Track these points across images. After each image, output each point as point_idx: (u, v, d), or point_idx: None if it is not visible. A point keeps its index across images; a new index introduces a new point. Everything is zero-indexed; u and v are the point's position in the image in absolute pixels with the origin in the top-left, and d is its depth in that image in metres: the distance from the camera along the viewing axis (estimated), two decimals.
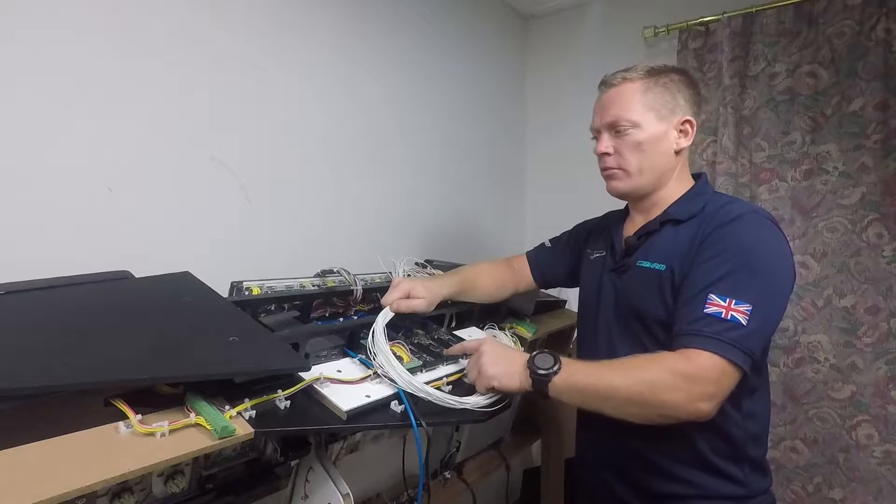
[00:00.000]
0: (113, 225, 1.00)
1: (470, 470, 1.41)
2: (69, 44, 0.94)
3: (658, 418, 0.75)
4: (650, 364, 0.76)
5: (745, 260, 0.78)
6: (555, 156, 2.20)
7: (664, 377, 0.73)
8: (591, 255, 1.05)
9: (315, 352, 0.87)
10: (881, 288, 1.47)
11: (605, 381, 0.77)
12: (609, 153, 0.92)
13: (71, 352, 0.60)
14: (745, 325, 0.74)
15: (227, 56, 1.17)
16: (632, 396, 0.75)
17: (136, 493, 0.63)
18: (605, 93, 0.95)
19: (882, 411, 1.47)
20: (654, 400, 0.73)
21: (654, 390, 0.73)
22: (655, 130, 0.90)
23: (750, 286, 0.76)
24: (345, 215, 1.46)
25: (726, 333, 0.73)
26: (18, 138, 0.89)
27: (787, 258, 0.82)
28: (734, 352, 0.73)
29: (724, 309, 0.75)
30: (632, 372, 0.76)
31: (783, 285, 0.80)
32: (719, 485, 0.85)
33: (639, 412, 0.76)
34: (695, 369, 0.73)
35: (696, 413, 0.73)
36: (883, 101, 1.46)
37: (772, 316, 0.78)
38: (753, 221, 0.83)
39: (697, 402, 0.72)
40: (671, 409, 0.73)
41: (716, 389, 0.73)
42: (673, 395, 0.72)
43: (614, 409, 0.77)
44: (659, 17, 1.83)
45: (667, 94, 0.90)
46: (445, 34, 1.81)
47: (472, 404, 0.80)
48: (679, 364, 0.74)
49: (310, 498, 0.81)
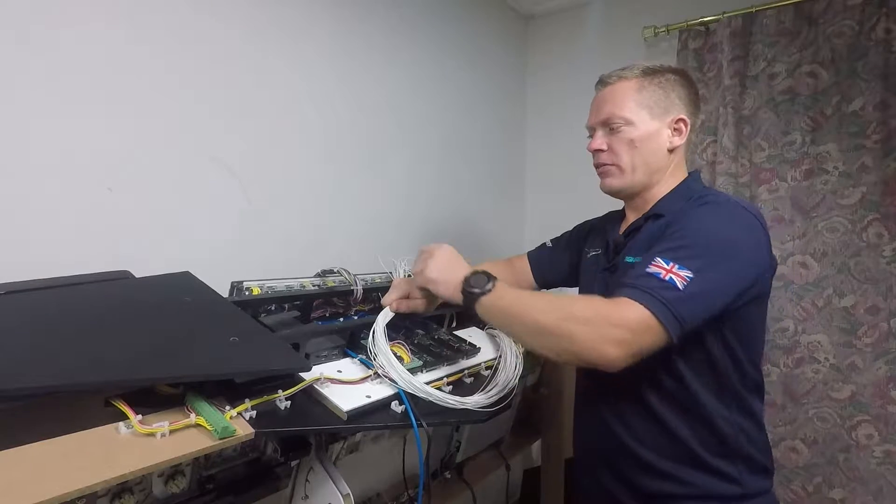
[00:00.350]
0: (113, 225, 1.00)
1: (470, 470, 1.41)
2: (69, 44, 0.94)
3: (567, 354, 0.74)
4: (578, 300, 0.77)
5: (700, 236, 0.79)
6: (555, 155, 2.19)
7: (584, 312, 0.73)
8: (588, 253, 1.06)
9: (315, 352, 0.87)
10: (881, 288, 1.47)
11: (529, 306, 0.77)
12: (602, 149, 0.94)
13: (71, 352, 0.60)
14: (681, 288, 0.72)
15: (227, 56, 1.17)
16: (548, 324, 0.74)
17: (137, 494, 0.62)
18: (600, 91, 0.96)
19: (882, 411, 1.46)
20: (566, 330, 0.72)
21: (570, 321, 0.73)
22: (648, 128, 0.91)
23: (696, 257, 0.75)
24: (345, 215, 1.46)
25: (659, 291, 0.72)
26: (18, 138, 0.89)
27: (745, 241, 0.80)
28: (661, 308, 0.71)
29: (665, 271, 0.74)
30: (557, 303, 0.77)
31: (733, 266, 0.78)
32: (712, 483, 0.84)
33: (550, 344, 0.75)
34: (617, 313, 0.72)
35: (602, 355, 0.70)
36: (883, 101, 1.46)
37: (713, 292, 0.76)
38: (722, 205, 0.84)
39: (607, 343, 0.70)
40: (579, 343, 0.71)
41: (630, 338, 0.70)
42: (584, 330, 0.71)
43: (530, 335, 0.77)
44: (659, 17, 1.83)
45: (661, 92, 0.92)
46: (445, 34, 1.81)
47: (472, 404, 0.80)
48: (604, 305, 0.74)
49: (310, 498, 0.81)
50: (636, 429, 0.87)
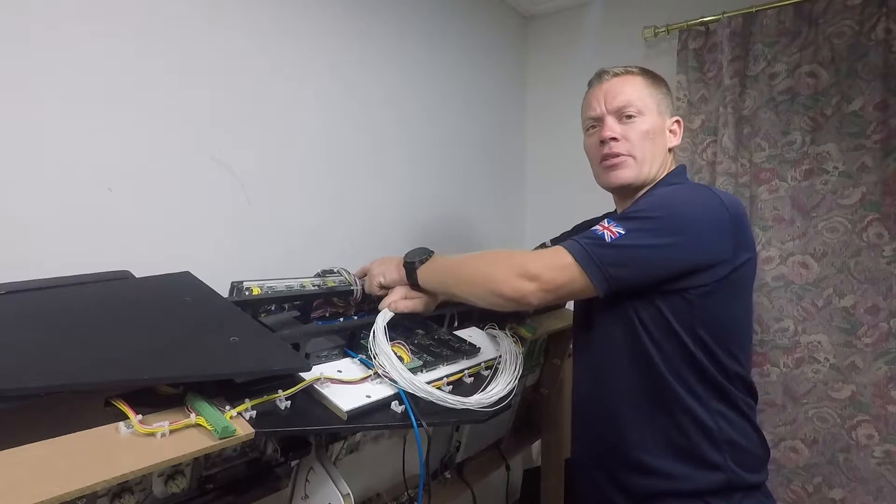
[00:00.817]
0: (113, 225, 1.00)
1: (470, 470, 1.41)
2: (69, 44, 0.94)
3: (490, 296, 0.79)
4: (505, 251, 0.83)
5: (648, 204, 0.81)
6: (554, 155, 2.19)
7: (506, 256, 0.79)
8: None
9: (315, 352, 0.87)
10: (881, 288, 1.47)
11: (459, 262, 0.84)
12: (617, 138, 0.90)
13: (71, 352, 0.60)
14: (606, 240, 0.76)
15: (227, 56, 1.17)
16: (473, 271, 0.81)
17: (137, 494, 0.62)
18: (607, 81, 0.95)
19: (882, 411, 1.46)
20: (488, 273, 0.79)
21: (493, 266, 0.79)
22: (657, 123, 0.92)
23: (633, 219, 0.78)
24: (345, 215, 1.46)
25: (585, 240, 0.77)
26: (18, 138, 0.89)
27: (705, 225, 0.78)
28: (582, 253, 0.75)
29: (602, 228, 0.78)
30: (486, 255, 0.82)
31: (679, 240, 0.77)
32: (699, 476, 0.82)
33: (476, 290, 0.81)
34: (536, 255, 0.78)
35: (515, 289, 0.76)
36: (883, 101, 1.46)
37: (642, 251, 0.76)
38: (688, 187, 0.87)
39: (520, 278, 0.76)
40: (496, 280, 0.77)
41: (542, 273, 0.75)
42: (502, 268, 0.77)
43: (461, 286, 0.83)
44: (659, 17, 1.83)
45: (662, 93, 0.95)
46: (445, 34, 1.81)
47: (473, 404, 0.81)
48: (527, 252, 0.80)
49: (310, 498, 0.81)
50: (624, 426, 0.87)
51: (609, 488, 0.92)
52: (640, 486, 0.87)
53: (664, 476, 0.84)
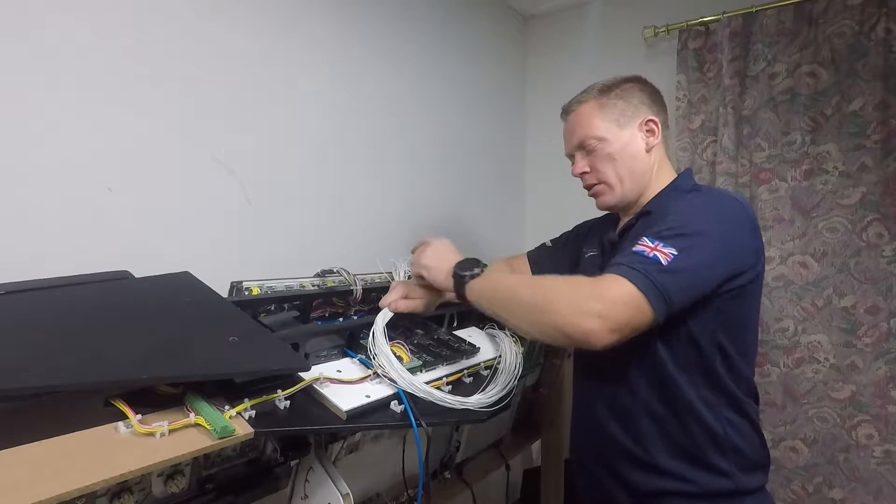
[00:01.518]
0: (113, 225, 1.00)
1: (470, 470, 1.41)
2: (69, 44, 0.94)
3: (551, 330, 0.73)
4: (562, 279, 0.77)
5: (686, 218, 0.80)
6: (554, 156, 2.18)
7: (567, 289, 0.73)
8: (586, 254, 1.08)
9: (315, 352, 0.87)
10: (881, 288, 1.47)
11: (514, 285, 0.80)
12: (586, 171, 0.97)
13: (71, 352, 0.60)
14: (664, 264, 0.72)
15: (227, 56, 1.17)
16: (534, 302, 0.75)
17: (136, 493, 0.62)
18: (565, 120, 1.00)
19: (882, 411, 1.46)
20: (548, 307, 0.73)
21: (553, 299, 0.73)
22: (621, 138, 0.94)
23: (681, 237, 0.76)
24: (345, 215, 1.46)
25: (642, 265, 0.73)
26: (18, 138, 0.89)
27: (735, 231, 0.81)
28: (646, 282, 0.70)
29: (650, 248, 0.75)
30: (541, 282, 0.79)
31: (719, 250, 0.78)
32: (704, 478, 0.84)
33: (535, 321, 0.75)
34: (598, 288, 0.72)
35: (583, 329, 0.69)
36: (883, 101, 1.46)
37: (697, 269, 0.76)
38: (711, 194, 0.87)
39: (587, 316, 0.69)
40: (560, 317, 0.71)
41: (609, 311, 0.69)
42: (565, 304, 0.71)
43: (517, 315, 0.78)
44: (659, 17, 1.83)
45: (622, 103, 0.94)
46: (445, 34, 1.81)
47: (473, 404, 0.81)
48: (586, 281, 0.74)
49: (310, 498, 0.81)
50: (629, 426, 0.88)
51: (612, 485, 0.93)
52: (645, 485, 0.88)
53: (671, 477, 0.85)
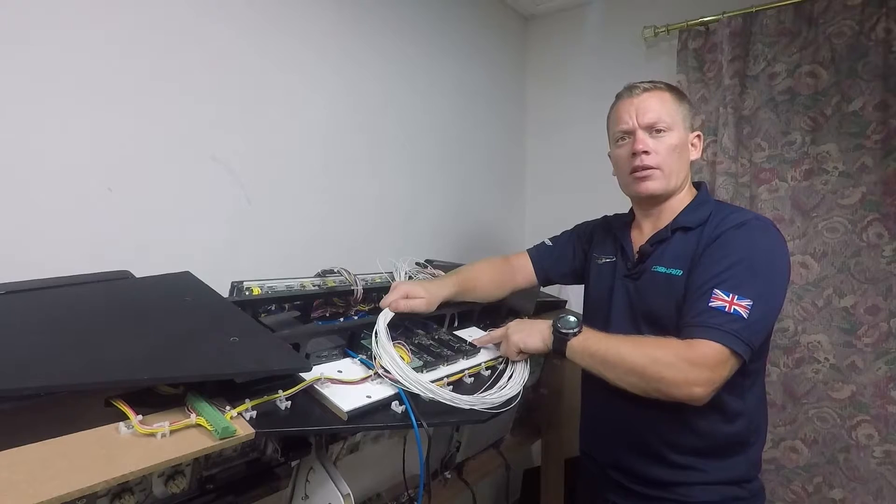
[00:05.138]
0: (113, 225, 1.00)
1: (470, 470, 1.41)
2: (69, 44, 0.94)
3: (654, 392, 0.81)
4: (658, 343, 0.83)
5: (748, 260, 0.85)
6: (555, 155, 2.20)
7: (667, 356, 0.80)
8: (599, 259, 1.08)
9: (316, 352, 0.87)
10: (881, 288, 1.47)
11: (615, 349, 0.85)
12: (648, 152, 0.95)
13: (71, 352, 0.60)
14: (746, 318, 0.80)
15: (227, 56, 1.17)
16: (635, 366, 0.82)
17: (137, 494, 0.62)
18: (636, 96, 0.98)
19: (882, 411, 1.46)
20: (654, 374, 0.80)
21: (656, 365, 0.80)
22: (684, 137, 0.97)
23: (751, 284, 0.83)
24: (345, 215, 1.46)
25: (729, 325, 0.80)
26: (18, 138, 0.89)
27: (785, 258, 0.89)
28: (735, 341, 0.79)
29: (728, 303, 0.81)
30: (640, 346, 0.84)
31: (780, 283, 0.87)
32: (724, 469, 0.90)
33: (637, 382, 0.82)
34: (696, 355, 0.79)
35: (690, 395, 0.79)
36: (883, 101, 1.46)
37: (770, 311, 0.85)
38: (757, 227, 0.90)
39: (694, 385, 0.78)
40: (667, 385, 0.79)
41: (712, 375, 0.78)
42: (672, 373, 0.79)
43: (617, 376, 0.85)
44: (659, 17, 1.83)
45: (686, 108, 0.99)
46: (445, 34, 1.81)
47: (480, 404, 0.81)
48: (683, 348, 0.80)
49: (310, 498, 0.81)
50: (657, 426, 0.92)
51: (627, 479, 0.96)
52: (667, 478, 0.92)
53: (693, 470, 0.91)
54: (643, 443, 0.94)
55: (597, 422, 1.06)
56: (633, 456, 0.96)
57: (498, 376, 0.93)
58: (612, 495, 1.00)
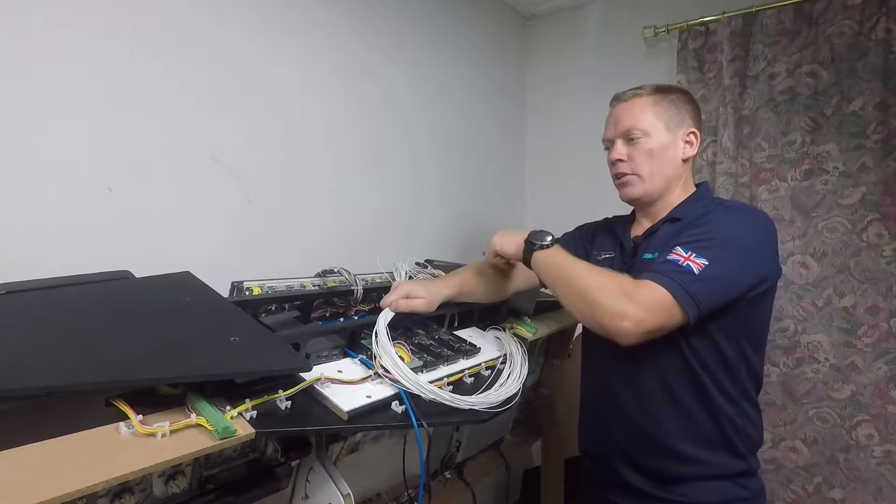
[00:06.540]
0: (113, 225, 1.00)
1: (470, 470, 1.41)
2: (69, 44, 0.94)
3: (590, 318, 0.84)
4: (613, 275, 0.87)
5: (717, 230, 0.87)
6: (555, 155, 2.19)
7: (611, 285, 0.83)
8: (599, 255, 1.10)
9: (316, 352, 0.87)
10: (881, 288, 1.47)
11: (573, 268, 0.89)
12: (622, 159, 1.00)
13: (71, 352, 0.60)
14: (696, 273, 0.81)
15: (227, 56, 1.17)
16: (580, 288, 0.85)
17: (137, 494, 0.62)
18: (616, 107, 1.03)
19: (882, 411, 1.47)
20: (593, 298, 0.83)
21: (598, 291, 0.83)
22: (664, 140, 0.98)
23: (712, 248, 0.84)
24: (345, 215, 1.46)
25: (677, 275, 0.81)
26: (18, 138, 0.89)
27: (762, 237, 0.89)
28: (679, 290, 0.79)
29: (683, 258, 0.83)
30: (595, 273, 0.87)
31: (747, 255, 0.86)
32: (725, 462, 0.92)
33: (578, 304, 0.86)
34: (637, 292, 0.80)
35: (617, 328, 0.80)
36: (883, 101, 1.46)
37: (725, 276, 0.84)
38: (741, 208, 0.94)
39: (624, 318, 0.79)
40: (601, 312, 0.81)
41: (646, 316, 0.79)
42: (608, 301, 0.81)
43: (565, 295, 0.89)
44: (659, 17, 1.83)
45: (673, 108, 0.99)
46: (445, 34, 1.80)
47: (479, 404, 0.81)
48: (628, 284, 0.83)
49: (310, 498, 0.81)
50: (655, 417, 0.93)
51: (631, 474, 0.97)
52: (669, 471, 0.93)
53: (694, 462, 0.92)
54: (642, 440, 0.95)
55: (595, 420, 1.06)
56: (631, 454, 0.96)
57: (497, 375, 0.93)
58: (612, 495, 1.00)
